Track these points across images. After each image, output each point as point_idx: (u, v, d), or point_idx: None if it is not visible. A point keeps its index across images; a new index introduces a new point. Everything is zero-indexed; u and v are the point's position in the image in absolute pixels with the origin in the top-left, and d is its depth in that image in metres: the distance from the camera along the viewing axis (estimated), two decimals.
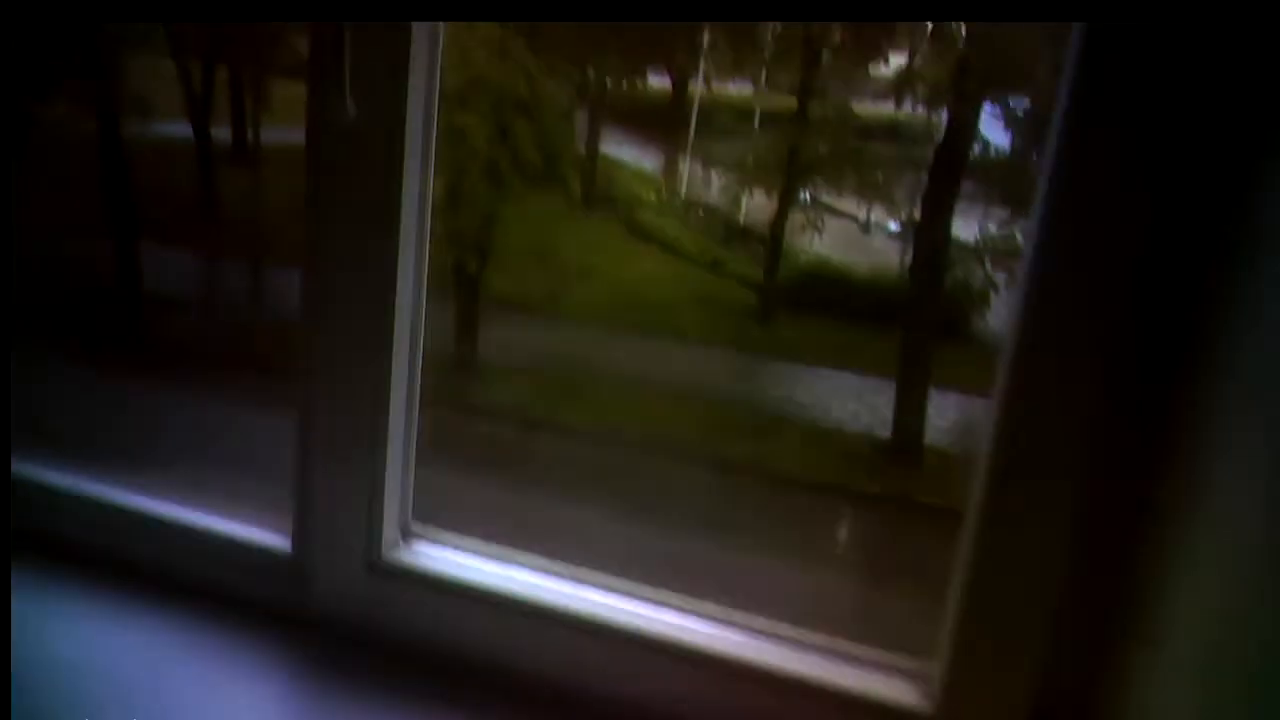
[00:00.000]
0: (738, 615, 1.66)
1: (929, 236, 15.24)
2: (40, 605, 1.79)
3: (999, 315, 18.94)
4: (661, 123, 7.99)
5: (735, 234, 8.95)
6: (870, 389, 18.08)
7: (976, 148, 14.94)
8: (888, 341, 16.94)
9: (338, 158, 1.56)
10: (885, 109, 7.23)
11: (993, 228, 17.89)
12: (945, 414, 17.34)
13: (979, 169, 15.59)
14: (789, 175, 8.03)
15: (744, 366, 11.07)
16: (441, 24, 1.55)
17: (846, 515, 13.84)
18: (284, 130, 6.72)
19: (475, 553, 1.83)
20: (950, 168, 14.80)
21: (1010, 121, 15.50)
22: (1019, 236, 16.38)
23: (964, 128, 14.48)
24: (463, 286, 6.71)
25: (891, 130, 7.65)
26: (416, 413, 1.78)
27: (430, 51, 1.56)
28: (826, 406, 17.48)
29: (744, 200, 8.82)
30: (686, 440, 7.77)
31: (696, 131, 7.83)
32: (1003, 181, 16.10)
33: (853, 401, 17.95)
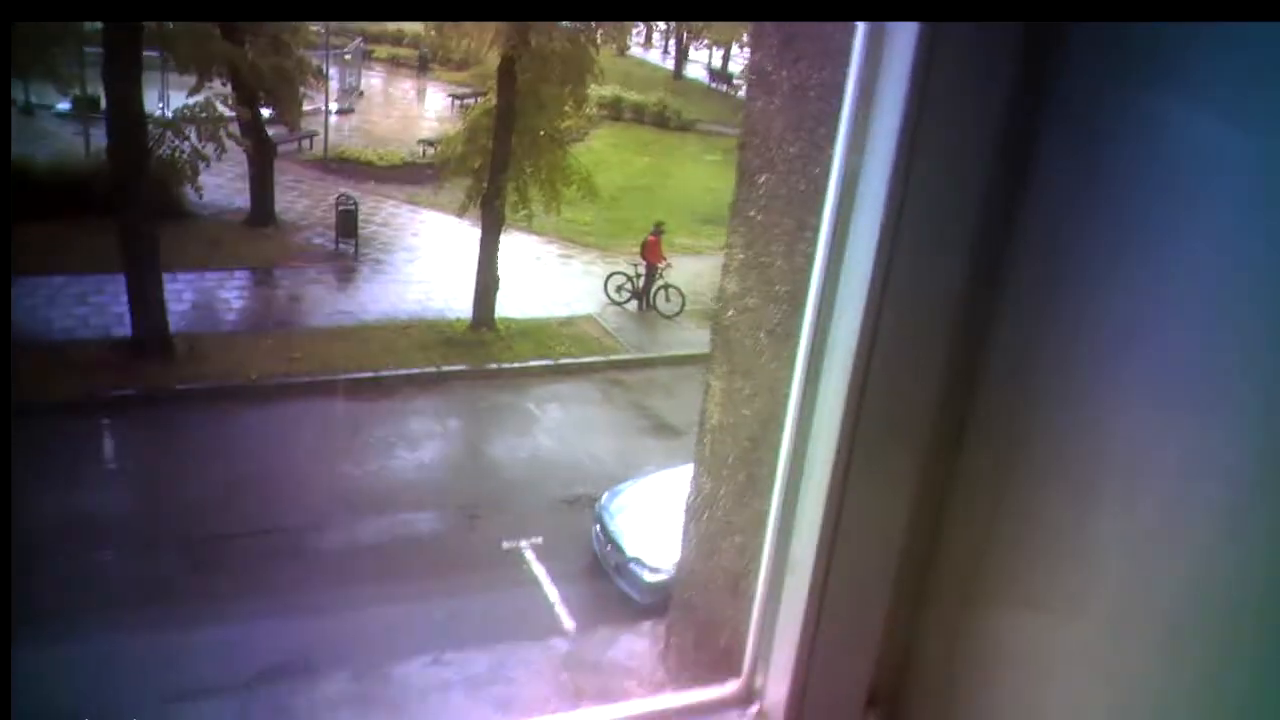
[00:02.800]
0: None
1: (123, 114, 14.11)
2: None
3: (212, 189, 18.24)
4: None
5: None
6: (91, 288, 16.51)
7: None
8: (95, 234, 15.51)
9: None
10: None
11: (184, 98, 16.98)
12: (181, 297, 16.58)
13: (157, 35, 14.61)
14: None
15: None
16: None
17: (102, 426, 12.86)
18: None
19: None
20: (130, 34, 13.70)
21: None
22: (218, 105, 15.84)
23: None
24: None
25: None
26: None
27: None
28: (47, 318, 15.64)
29: None
30: None
31: None
32: (176, 46, 15.31)
33: (78, 305, 16.29)
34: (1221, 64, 0.83)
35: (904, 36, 0.90)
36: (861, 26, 0.94)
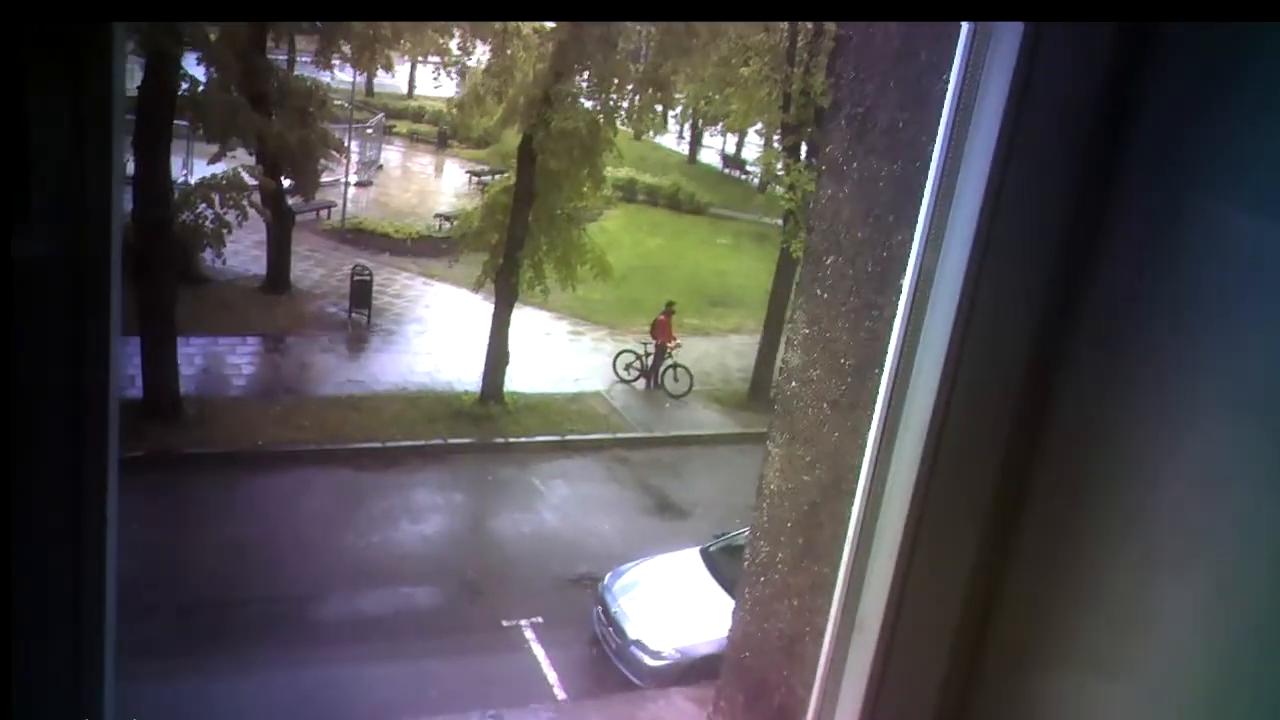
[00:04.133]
0: None
1: (151, 180, 14.37)
2: None
3: (229, 254, 18.35)
4: None
5: None
6: None
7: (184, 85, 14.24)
8: None
9: None
10: None
11: (205, 165, 17.27)
12: (193, 360, 16.67)
13: (189, 104, 14.91)
14: None
15: None
16: None
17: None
18: None
19: None
20: (164, 102, 14.01)
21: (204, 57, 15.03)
22: (243, 173, 16.12)
23: (169, 62, 13.75)
24: None
25: None
26: None
27: None
28: None
29: None
30: None
31: None
32: (207, 116, 15.64)
33: None
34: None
35: (984, 134, 0.99)
36: (944, 126, 1.03)
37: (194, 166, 18.26)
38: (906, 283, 1.07)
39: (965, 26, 1.00)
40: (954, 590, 1.12)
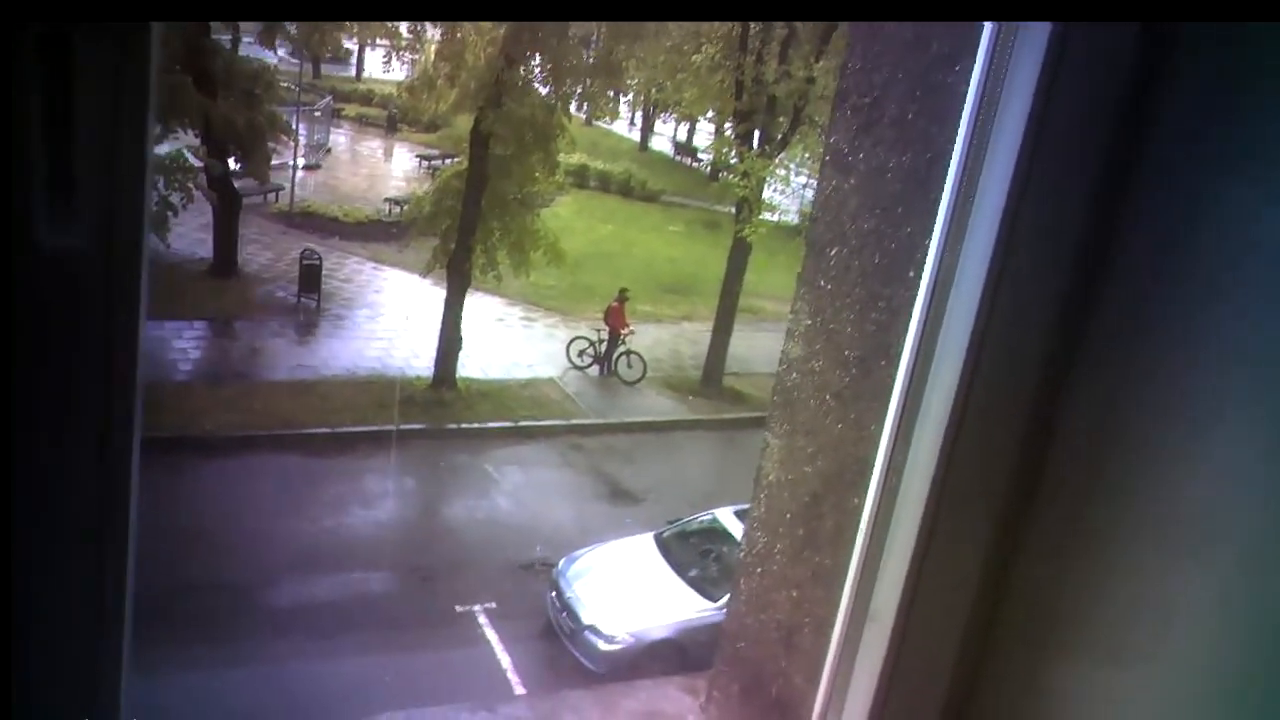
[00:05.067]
0: None
1: None
2: None
3: (175, 237, 18.04)
4: None
5: None
6: None
7: None
8: None
9: None
10: None
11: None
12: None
13: None
14: None
15: None
16: None
17: None
18: None
19: None
20: None
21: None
22: (188, 155, 15.82)
23: None
24: None
25: None
26: None
27: None
28: None
29: None
30: None
31: None
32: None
33: None
34: None
35: (1009, 132, 1.00)
36: (966, 122, 1.04)
37: None
38: (926, 277, 1.08)
39: (989, 24, 1.01)
40: (968, 581, 1.13)
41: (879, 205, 1.32)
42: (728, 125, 19.62)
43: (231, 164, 18.06)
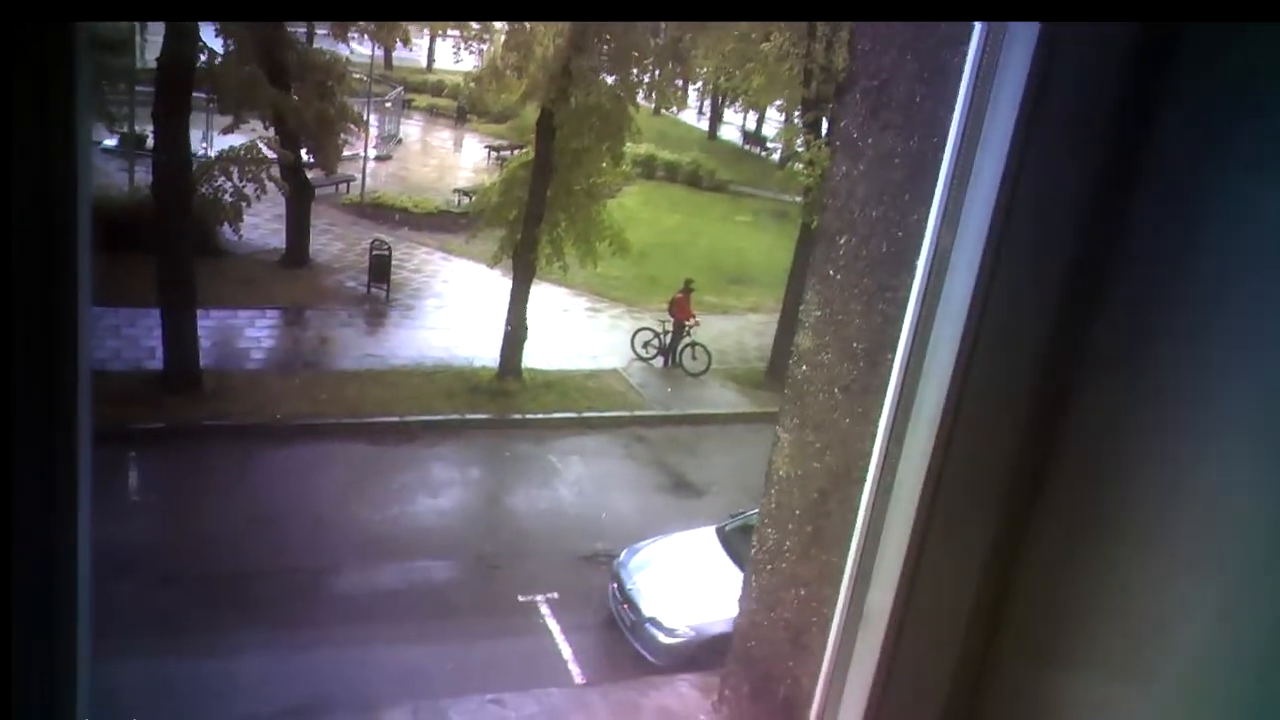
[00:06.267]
0: None
1: (170, 153, 14.35)
2: None
3: (249, 228, 18.39)
4: None
5: None
6: (125, 321, 16.68)
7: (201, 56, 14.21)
8: (133, 268, 15.66)
9: None
10: None
11: (219, 137, 17.27)
12: (213, 334, 16.76)
13: (206, 76, 14.88)
14: None
15: None
16: None
17: (129, 459, 12.92)
18: None
19: None
20: (182, 75, 13.98)
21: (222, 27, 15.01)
22: (261, 146, 16.10)
23: (187, 34, 13.73)
24: None
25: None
26: None
27: None
28: None
29: None
30: None
31: None
32: (224, 89, 15.60)
33: (111, 338, 16.46)
34: None
35: (1004, 115, 0.95)
36: (962, 100, 0.99)
37: (213, 139, 18.28)
38: (920, 265, 1.03)
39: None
40: (964, 585, 1.09)
41: (886, 192, 1.27)
42: (796, 113, 19.39)
43: (304, 155, 18.39)
